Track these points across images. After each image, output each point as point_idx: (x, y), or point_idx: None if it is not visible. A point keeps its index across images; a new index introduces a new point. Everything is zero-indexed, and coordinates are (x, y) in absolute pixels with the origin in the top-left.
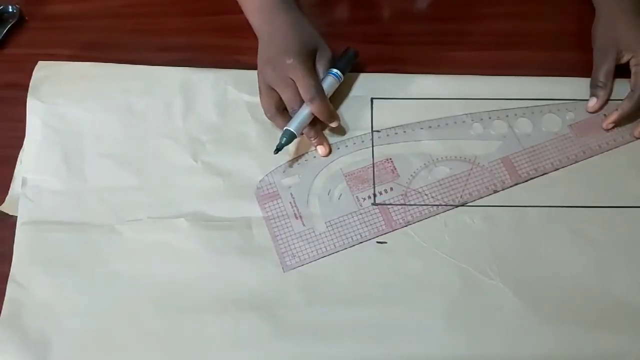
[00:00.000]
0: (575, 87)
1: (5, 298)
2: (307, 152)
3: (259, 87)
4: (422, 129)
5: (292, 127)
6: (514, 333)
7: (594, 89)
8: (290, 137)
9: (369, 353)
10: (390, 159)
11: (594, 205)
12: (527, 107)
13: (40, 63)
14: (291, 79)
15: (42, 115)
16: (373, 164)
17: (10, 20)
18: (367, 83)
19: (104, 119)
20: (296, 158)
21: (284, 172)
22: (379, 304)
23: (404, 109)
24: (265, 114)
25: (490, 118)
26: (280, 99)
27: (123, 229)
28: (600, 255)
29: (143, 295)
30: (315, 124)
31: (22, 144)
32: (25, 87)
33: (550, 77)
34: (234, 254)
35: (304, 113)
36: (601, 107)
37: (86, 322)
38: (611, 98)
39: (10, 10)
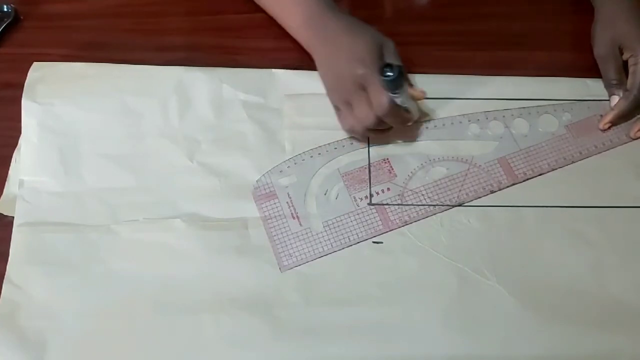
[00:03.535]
0: (572, 87)
1: (1, 299)
2: (304, 152)
3: (335, 107)
4: (419, 129)
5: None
6: (510, 333)
7: (610, 88)
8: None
9: (365, 353)
10: (388, 159)
11: (590, 206)
12: (523, 107)
13: (35, 64)
14: (364, 89)
15: (37, 116)
16: (369, 164)
17: (6, 19)
18: None
19: (99, 119)
20: (293, 158)
21: (280, 171)
22: (376, 304)
23: None
24: (350, 133)
25: (487, 118)
26: None
27: (120, 229)
28: (597, 256)
29: (140, 295)
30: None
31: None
32: (20, 87)
33: (546, 78)
34: (231, 254)
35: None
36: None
37: (82, 322)
38: (603, 99)
39: (6, 9)
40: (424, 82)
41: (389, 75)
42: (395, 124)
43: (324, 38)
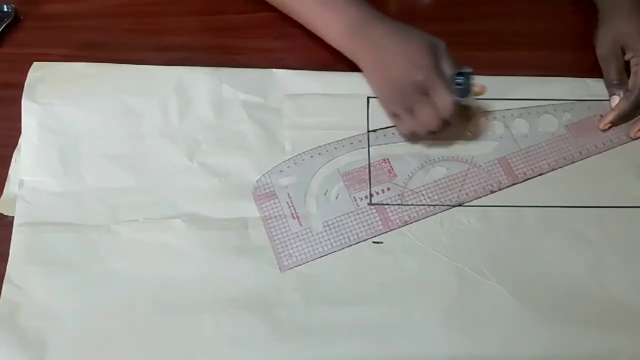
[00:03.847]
0: (572, 87)
1: (1, 299)
2: (304, 152)
3: (391, 114)
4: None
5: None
6: (510, 333)
7: (611, 88)
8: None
9: (365, 353)
10: (388, 159)
11: (590, 206)
12: (523, 107)
13: (35, 64)
14: (425, 94)
15: (37, 117)
16: (369, 164)
17: (6, 19)
18: (363, 82)
19: (99, 119)
20: (293, 158)
21: (280, 171)
22: (376, 304)
23: None
24: (410, 138)
25: (487, 119)
26: None
27: (120, 229)
28: (597, 256)
29: (140, 295)
30: None
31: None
32: (20, 87)
33: (547, 78)
34: (230, 254)
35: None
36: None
37: (83, 322)
38: (603, 99)
39: (6, 9)
40: None
41: (460, 83)
42: (458, 123)
43: (373, 46)
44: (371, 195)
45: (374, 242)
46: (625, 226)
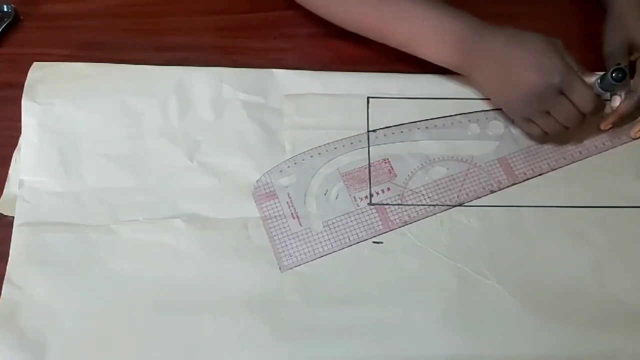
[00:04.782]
0: None
1: (1, 299)
2: (304, 152)
3: (519, 120)
4: (419, 129)
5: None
6: (510, 333)
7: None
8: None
9: (365, 353)
10: (388, 159)
11: (590, 206)
12: None
13: (35, 64)
14: (561, 96)
15: (37, 117)
16: (369, 164)
17: (6, 19)
18: (363, 82)
19: (99, 119)
20: (293, 158)
21: (280, 171)
22: (376, 304)
23: (401, 108)
24: (544, 140)
25: (487, 118)
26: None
27: (120, 229)
28: (597, 256)
29: (140, 296)
30: None
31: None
32: (20, 87)
33: None
34: (230, 254)
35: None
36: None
37: (83, 322)
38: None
39: (6, 9)
40: (425, 82)
41: (619, 77)
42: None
43: (493, 57)
44: (371, 195)
45: (374, 242)
46: (625, 226)
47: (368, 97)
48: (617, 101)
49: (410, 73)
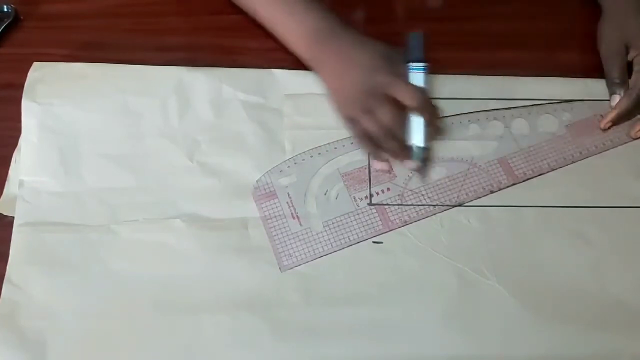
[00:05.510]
0: (572, 87)
1: (1, 299)
2: (304, 152)
3: (347, 121)
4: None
5: (421, 143)
6: (510, 333)
7: (612, 87)
8: (424, 152)
9: (365, 353)
10: (388, 159)
11: (590, 206)
12: (523, 107)
13: (35, 64)
14: (385, 96)
15: (37, 117)
16: (369, 164)
17: (6, 19)
18: None
19: (99, 119)
20: (293, 158)
21: (280, 171)
22: (376, 304)
23: None
24: (366, 144)
25: (487, 119)
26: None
27: (120, 229)
28: (597, 256)
29: (140, 295)
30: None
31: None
32: (20, 87)
33: (546, 78)
34: (230, 254)
35: (419, 123)
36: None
37: (83, 322)
38: (603, 99)
39: (6, 9)
40: (422, 82)
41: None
42: (430, 119)
43: (338, 54)
44: (371, 196)
45: (374, 242)
46: (625, 226)
47: None
48: (616, 99)
49: None
